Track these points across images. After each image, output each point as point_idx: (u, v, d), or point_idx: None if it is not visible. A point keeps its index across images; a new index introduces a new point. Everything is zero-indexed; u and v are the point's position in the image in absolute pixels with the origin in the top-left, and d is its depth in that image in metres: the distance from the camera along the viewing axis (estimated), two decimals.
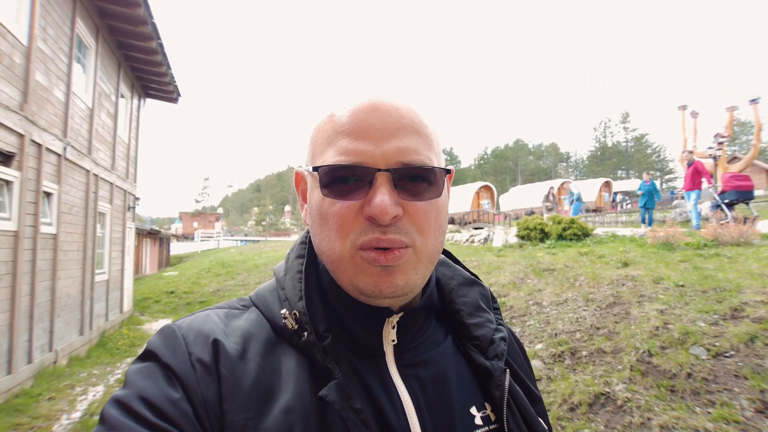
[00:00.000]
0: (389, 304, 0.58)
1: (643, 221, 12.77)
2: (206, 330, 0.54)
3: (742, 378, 3.32)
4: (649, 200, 12.54)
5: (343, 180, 0.53)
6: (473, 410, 0.59)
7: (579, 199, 16.75)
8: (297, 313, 0.56)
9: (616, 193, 32.92)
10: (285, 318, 0.56)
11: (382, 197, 0.51)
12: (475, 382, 0.62)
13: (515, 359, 0.69)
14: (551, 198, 17.16)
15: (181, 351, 0.52)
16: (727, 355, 3.60)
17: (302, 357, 0.55)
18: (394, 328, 0.59)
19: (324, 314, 0.58)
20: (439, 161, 0.58)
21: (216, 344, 0.53)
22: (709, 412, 3.12)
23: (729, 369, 3.45)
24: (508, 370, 0.62)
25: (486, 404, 0.60)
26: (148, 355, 0.53)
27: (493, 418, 0.59)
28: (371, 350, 0.59)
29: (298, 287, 0.59)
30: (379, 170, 0.52)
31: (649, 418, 3.25)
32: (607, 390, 3.66)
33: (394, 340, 0.59)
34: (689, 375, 3.53)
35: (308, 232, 0.66)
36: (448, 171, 0.58)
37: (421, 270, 0.56)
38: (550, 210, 16.74)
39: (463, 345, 0.65)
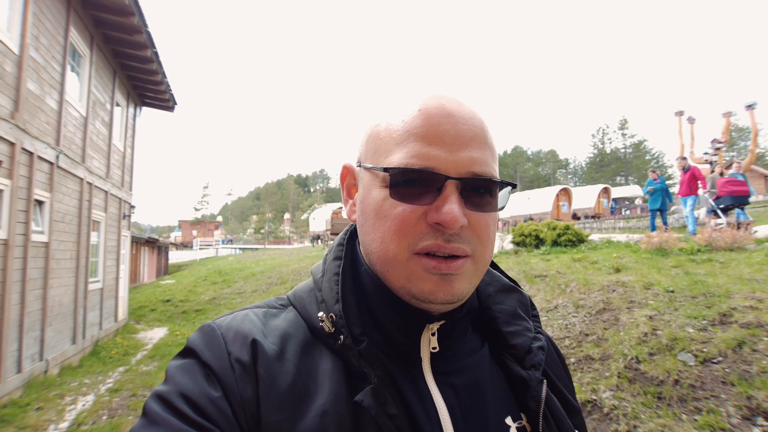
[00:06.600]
0: (438, 310, 0.56)
1: (653, 228, 10.66)
2: (245, 330, 0.55)
3: (729, 384, 3.29)
4: (663, 201, 10.78)
5: (411, 183, 0.53)
6: (508, 420, 0.58)
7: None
8: (333, 316, 0.56)
9: (616, 200, 32.80)
10: (322, 321, 0.56)
11: (452, 206, 0.51)
12: (511, 392, 0.60)
13: (553, 369, 0.67)
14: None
15: (221, 350, 0.52)
16: (714, 361, 3.58)
17: (338, 359, 0.55)
18: (434, 335, 0.58)
19: (360, 318, 0.57)
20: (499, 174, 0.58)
21: (254, 344, 0.53)
22: (695, 420, 3.10)
23: (716, 375, 3.42)
24: (545, 380, 0.60)
25: (522, 414, 0.59)
26: (188, 352, 0.54)
27: (528, 429, 0.58)
28: (408, 356, 0.58)
29: (335, 290, 0.58)
30: (450, 178, 0.52)
31: (635, 426, 3.22)
32: (594, 397, 3.64)
33: (435, 348, 0.58)
34: (676, 382, 3.50)
35: (347, 234, 0.67)
36: (514, 186, 0.58)
37: (475, 280, 0.56)
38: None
39: (500, 353, 0.63)
